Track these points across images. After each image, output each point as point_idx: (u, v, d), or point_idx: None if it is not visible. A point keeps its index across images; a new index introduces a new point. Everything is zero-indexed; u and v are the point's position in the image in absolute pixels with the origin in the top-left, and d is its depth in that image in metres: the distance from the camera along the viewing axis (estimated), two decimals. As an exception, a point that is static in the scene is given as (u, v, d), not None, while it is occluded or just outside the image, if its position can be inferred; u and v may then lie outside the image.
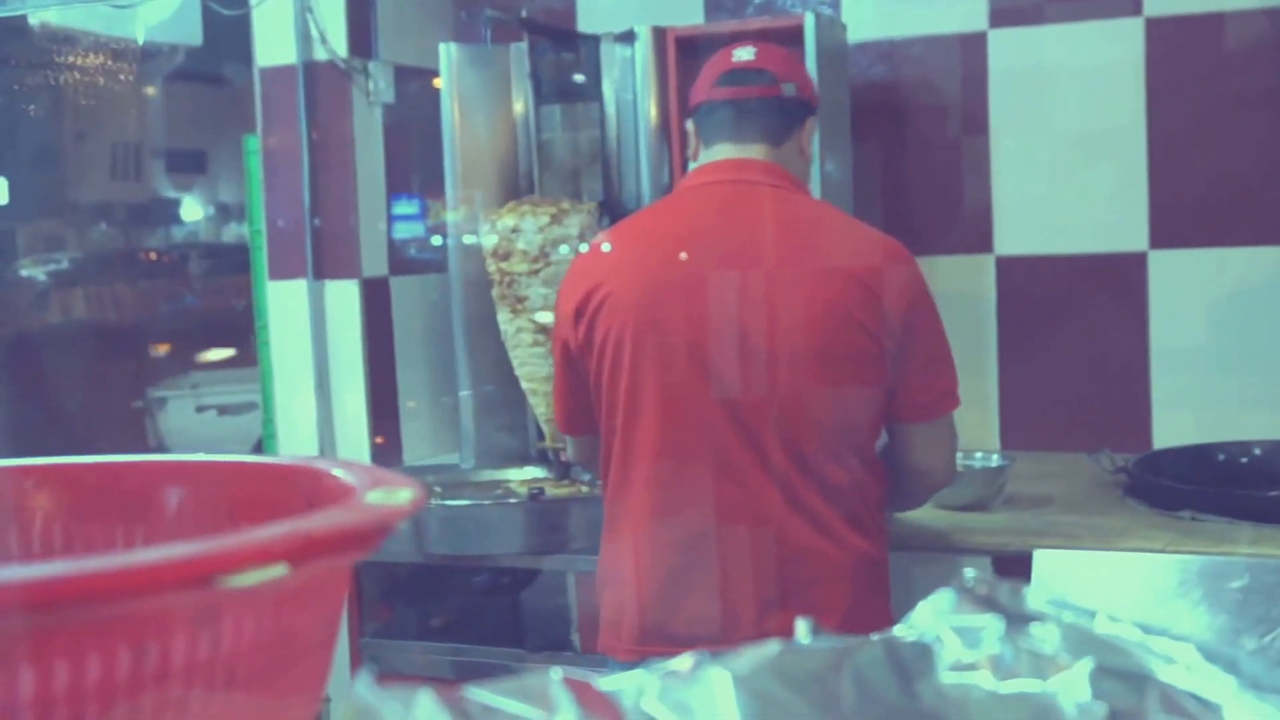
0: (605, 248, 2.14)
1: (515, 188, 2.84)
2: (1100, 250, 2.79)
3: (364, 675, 0.49)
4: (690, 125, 2.20)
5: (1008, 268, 2.85)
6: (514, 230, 2.62)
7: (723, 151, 2.13)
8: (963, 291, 2.85)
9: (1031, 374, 2.85)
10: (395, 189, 2.98)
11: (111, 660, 0.51)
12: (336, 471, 0.68)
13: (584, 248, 2.55)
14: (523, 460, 2.87)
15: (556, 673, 0.50)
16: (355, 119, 2.88)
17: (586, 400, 2.12)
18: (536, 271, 2.61)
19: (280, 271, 2.89)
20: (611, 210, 2.73)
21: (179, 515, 0.74)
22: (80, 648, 0.50)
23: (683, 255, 2.05)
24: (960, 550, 2.26)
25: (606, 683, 0.50)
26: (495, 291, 2.66)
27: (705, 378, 2.01)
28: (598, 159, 2.79)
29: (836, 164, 2.66)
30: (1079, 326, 2.79)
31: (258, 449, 7.00)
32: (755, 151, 2.11)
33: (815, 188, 2.59)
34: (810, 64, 2.52)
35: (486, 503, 2.60)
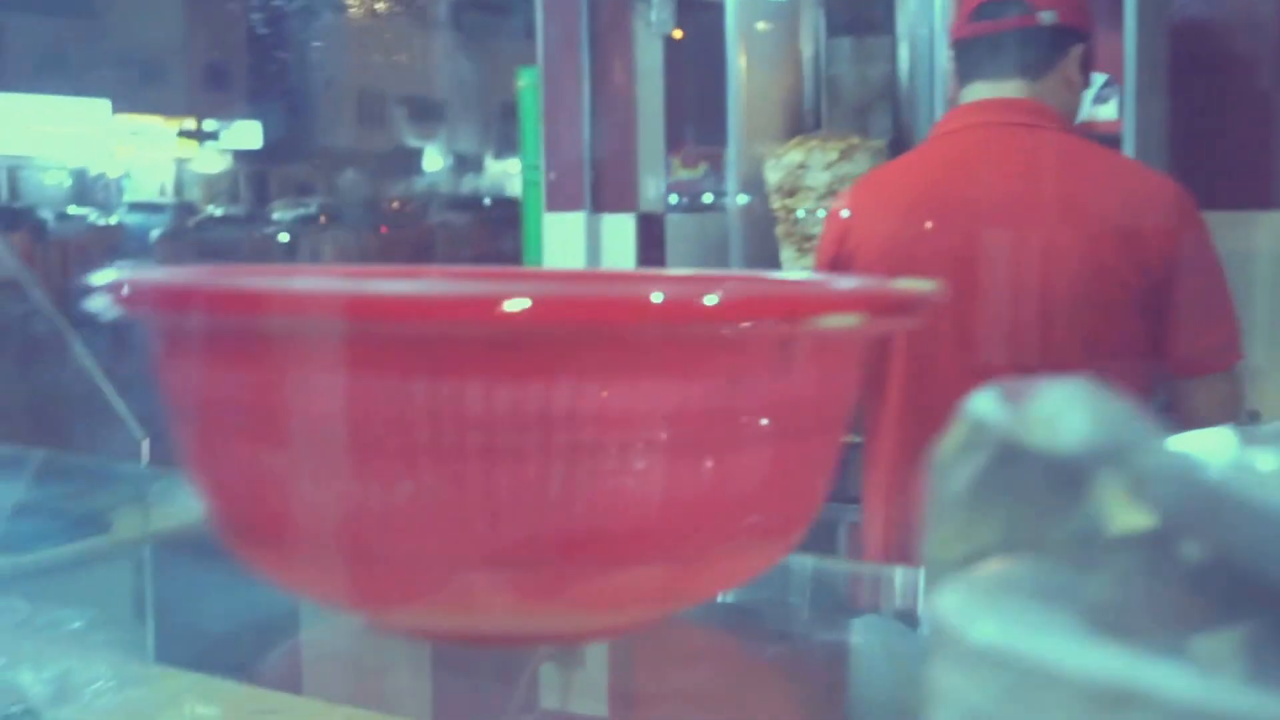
0: (849, 208, 2.04)
1: (799, 124, 2.74)
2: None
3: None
4: (950, 64, 2.08)
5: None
6: (801, 166, 2.53)
7: (978, 91, 1.99)
8: (1271, 250, 2.66)
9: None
10: (675, 122, 2.91)
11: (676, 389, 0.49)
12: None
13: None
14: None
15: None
16: (636, 50, 2.82)
17: None
18: (826, 209, 2.51)
19: (558, 203, 2.85)
20: (900, 149, 2.62)
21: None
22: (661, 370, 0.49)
23: (928, 223, 1.93)
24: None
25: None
26: (779, 229, 2.58)
27: (953, 341, 1.89)
28: (887, 96, 2.68)
29: (1148, 109, 2.50)
30: None
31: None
32: (1011, 89, 1.97)
33: (1129, 139, 2.44)
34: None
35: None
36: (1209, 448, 0.38)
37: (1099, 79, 2.58)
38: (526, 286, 0.46)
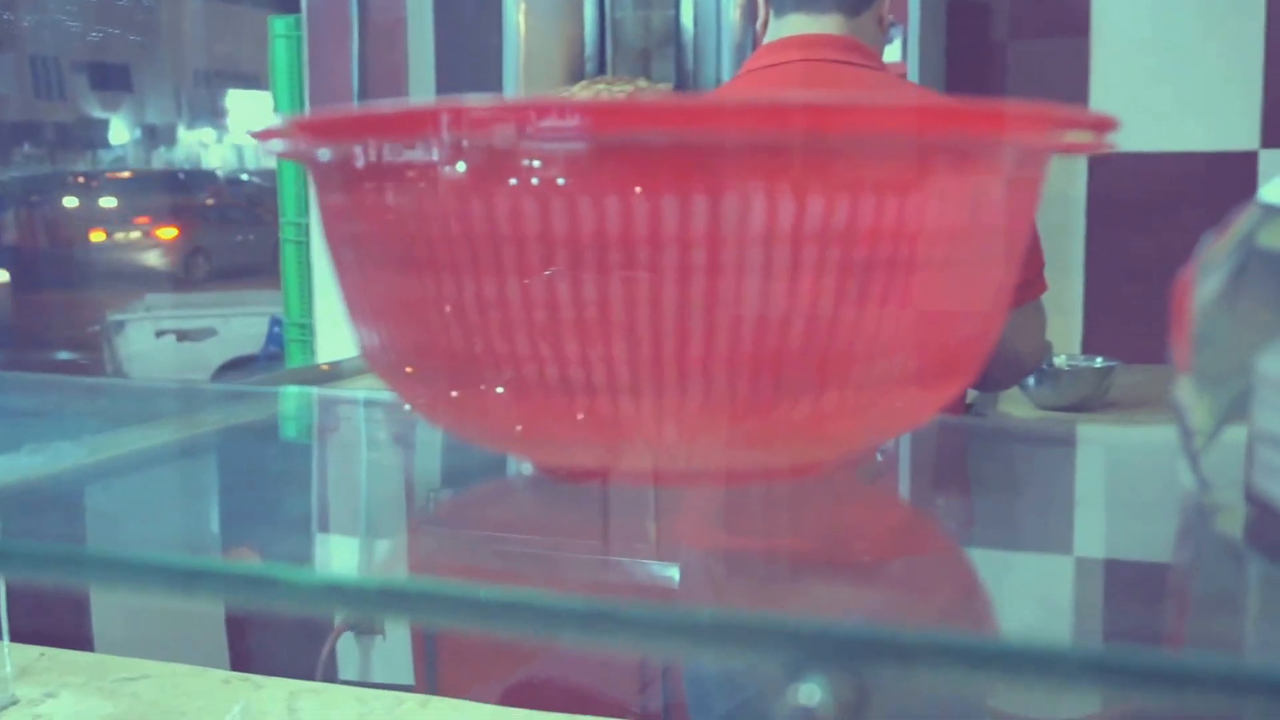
0: None
1: (581, 71, 2.68)
2: (1205, 149, 2.67)
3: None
4: None
5: (1100, 166, 2.72)
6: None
7: (794, 24, 1.94)
8: (1049, 190, 2.72)
9: (1119, 280, 2.73)
10: (446, 70, 2.81)
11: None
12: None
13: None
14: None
15: None
16: (407, -5, 2.71)
17: None
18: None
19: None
20: (681, 84, 2.58)
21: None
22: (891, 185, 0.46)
23: None
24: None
25: None
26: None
27: None
28: (671, 40, 2.63)
29: (929, 49, 2.52)
30: (1175, 231, 2.68)
31: (217, 377, 6.82)
32: (831, 24, 1.92)
33: (912, 73, 2.46)
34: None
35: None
36: None
37: (883, 22, 2.60)
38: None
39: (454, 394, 0.51)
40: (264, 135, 0.52)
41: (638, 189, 0.44)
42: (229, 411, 0.99)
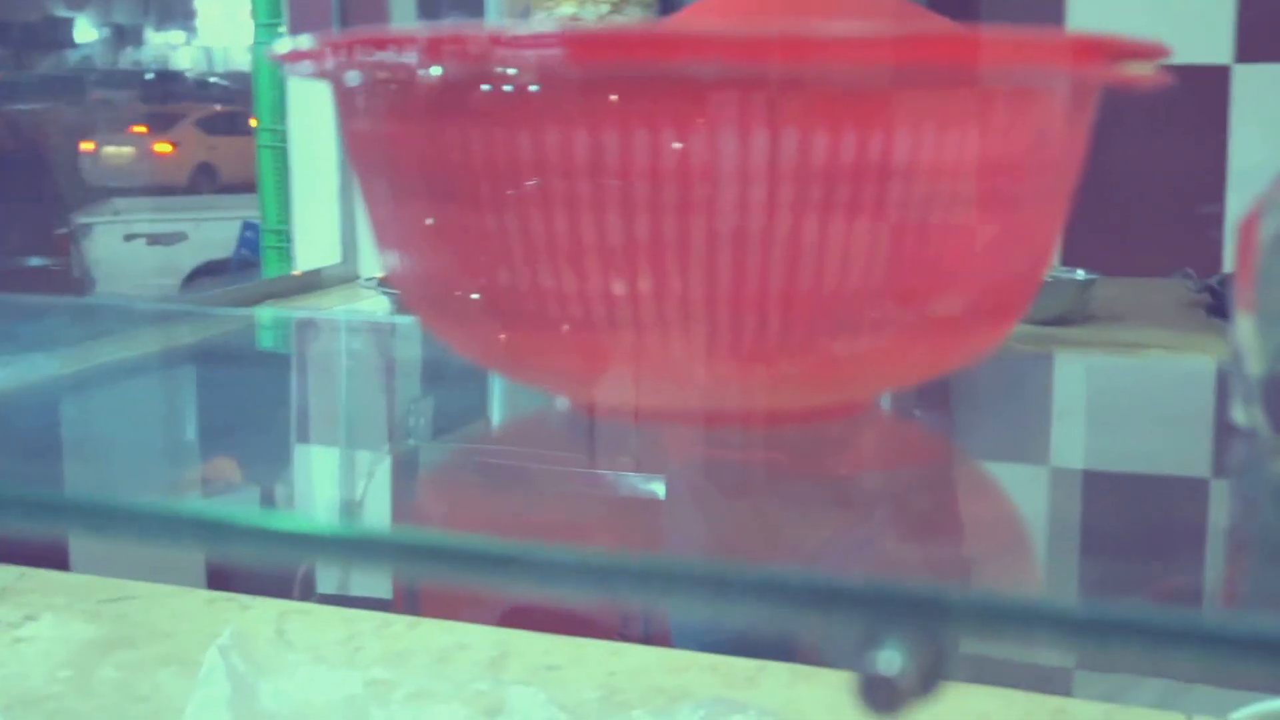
0: None
1: (561, -22, 2.64)
2: (1178, 62, 2.64)
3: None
4: None
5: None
6: (574, 20, 2.43)
7: None
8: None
9: (1092, 195, 2.71)
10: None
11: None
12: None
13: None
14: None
15: None
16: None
17: None
18: (598, 65, 2.42)
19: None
20: (667, 6, 2.55)
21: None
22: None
23: None
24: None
25: None
26: (548, 88, 2.48)
27: None
28: (652, -51, 2.59)
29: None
30: (1150, 145, 2.67)
31: (188, 281, 6.76)
32: None
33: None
34: None
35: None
36: None
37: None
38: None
39: (495, 331, 0.50)
40: (290, 57, 0.51)
41: (689, 119, 0.43)
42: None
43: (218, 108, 11.94)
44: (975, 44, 0.45)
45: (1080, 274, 2.43)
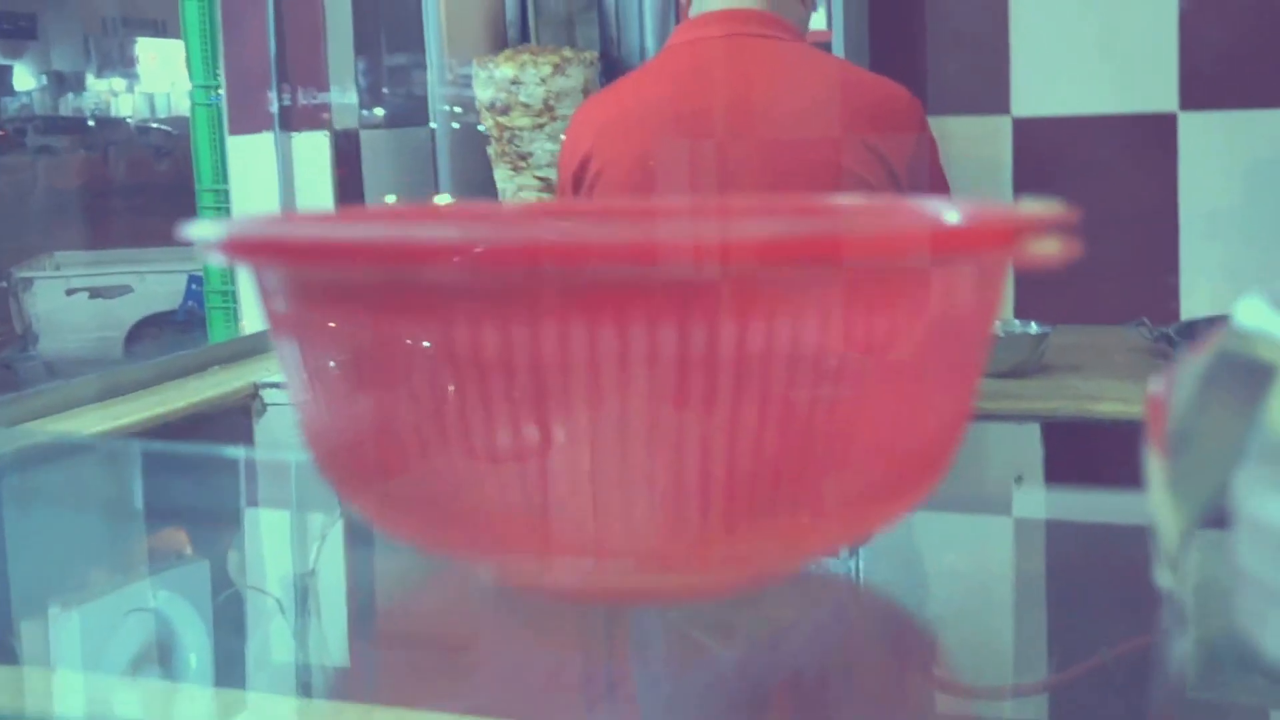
0: (590, 130, 1.97)
1: (504, 37, 2.62)
2: (1126, 111, 2.66)
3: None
4: None
5: (1025, 129, 2.71)
6: (514, 82, 2.41)
7: (715, 2, 1.95)
8: (977, 155, 2.71)
9: (1046, 242, 2.72)
10: (365, 34, 2.74)
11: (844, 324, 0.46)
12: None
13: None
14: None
15: None
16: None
17: None
18: (541, 126, 2.40)
19: (242, 126, 2.64)
20: (609, 64, 2.54)
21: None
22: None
23: (676, 140, 1.89)
24: (1007, 417, 2.16)
25: None
26: (493, 149, 2.46)
27: None
28: (593, 7, 2.58)
29: (854, 18, 2.49)
30: (1100, 193, 2.67)
31: (133, 335, 6.67)
32: (750, 0, 1.94)
33: (838, 41, 2.42)
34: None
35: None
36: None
37: (810, -12, 2.57)
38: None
39: (400, 509, 0.48)
40: (207, 247, 0.49)
41: (579, 318, 0.43)
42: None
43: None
44: (871, 239, 0.44)
45: (1034, 326, 2.42)
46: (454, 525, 0.47)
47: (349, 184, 2.63)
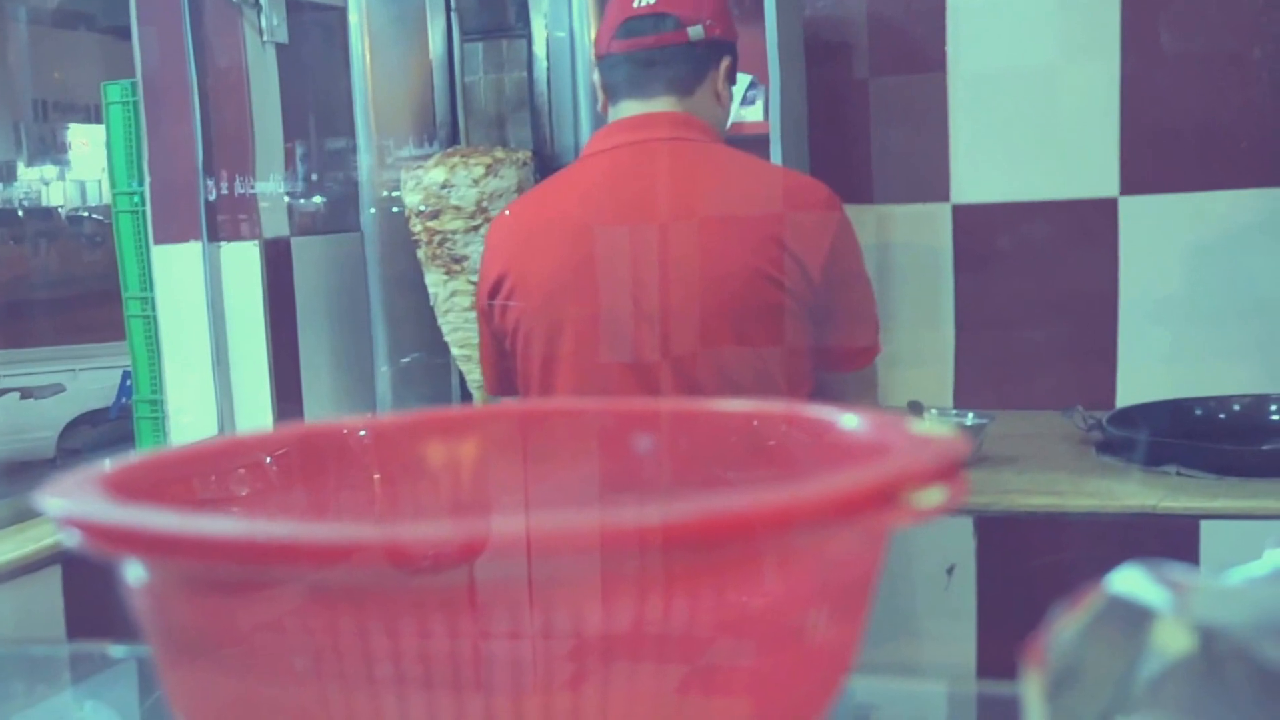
0: (506, 244, 1.96)
1: (433, 133, 2.58)
2: (1066, 197, 2.64)
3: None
4: (596, 79, 2.00)
5: (965, 216, 2.69)
6: (445, 186, 2.37)
7: (628, 109, 1.95)
8: (917, 242, 2.68)
9: (989, 329, 2.70)
10: (294, 139, 2.68)
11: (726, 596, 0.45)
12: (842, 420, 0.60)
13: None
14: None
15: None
16: (248, 61, 2.57)
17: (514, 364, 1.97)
18: (475, 228, 2.36)
19: (168, 235, 2.57)
20: (542, 162, 2.50)
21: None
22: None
23: (589, 251, 1.88)
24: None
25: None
26: (423, 253, 2.41)
27: (615, 352, 1.86)
28: (525, 105, 2.54)
29: (791, 107, 2.46)
30: (1042, 279, 2.65)
31: (66, 433, 6.56)
32: (663, 105, 1.93)
33: (775, 132, 2.39)
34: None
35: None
36: None
37: (744, 80, 2.54)
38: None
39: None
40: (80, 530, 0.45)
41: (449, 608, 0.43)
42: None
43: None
44: (753, 515, 0.43)
45: (970, 417, 2.39)
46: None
47: (278, 292, 2.57)
